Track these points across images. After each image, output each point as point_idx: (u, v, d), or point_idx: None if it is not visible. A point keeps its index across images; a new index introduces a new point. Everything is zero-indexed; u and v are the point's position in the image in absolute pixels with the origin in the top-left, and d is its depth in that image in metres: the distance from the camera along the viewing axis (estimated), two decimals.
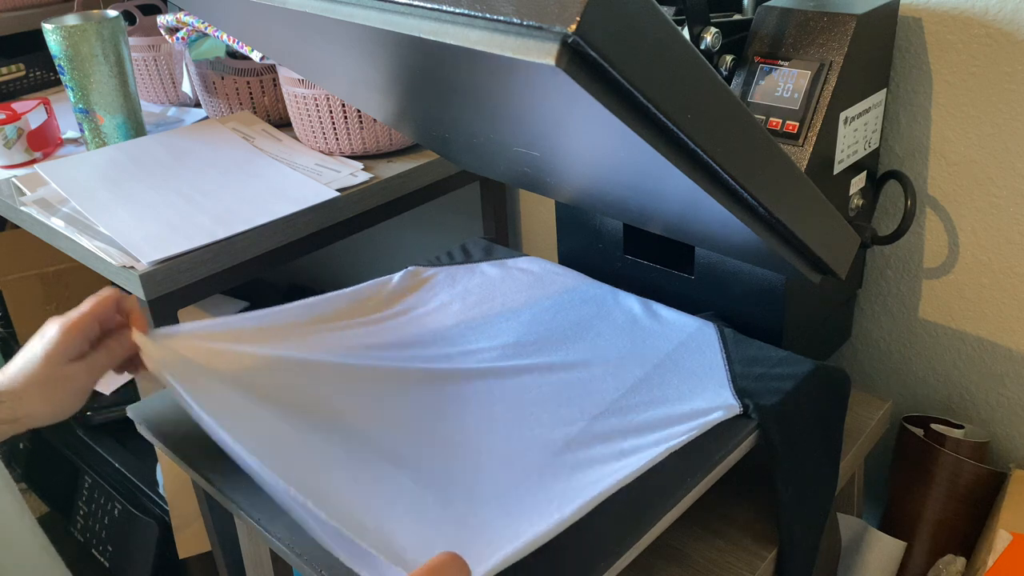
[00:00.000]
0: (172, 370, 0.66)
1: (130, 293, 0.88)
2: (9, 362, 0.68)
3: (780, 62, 0.76)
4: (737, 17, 0.81)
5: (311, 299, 0.84)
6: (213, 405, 0.63)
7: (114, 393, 1.46)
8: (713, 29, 0.73)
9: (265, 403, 0.68)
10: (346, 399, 0.72)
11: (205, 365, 0.70)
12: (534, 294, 0.89)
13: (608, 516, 0.61)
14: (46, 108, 1.26)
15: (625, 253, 0.91)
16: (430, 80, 0.61)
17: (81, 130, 1.20)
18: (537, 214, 1.36)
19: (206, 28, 1.17)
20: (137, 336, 0.69)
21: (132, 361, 0.72)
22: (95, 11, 1.18)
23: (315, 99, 1.08)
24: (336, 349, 0.79)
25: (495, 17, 0.42)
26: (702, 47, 0.73)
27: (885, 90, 0.84)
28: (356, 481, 0.62)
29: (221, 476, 0.67)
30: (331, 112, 1.08)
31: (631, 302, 0.86)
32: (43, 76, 1.52)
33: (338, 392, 0.72)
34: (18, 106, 1.25)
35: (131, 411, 0.75)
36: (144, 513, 1.30)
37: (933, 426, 0.96)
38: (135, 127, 1.21)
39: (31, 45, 1.44)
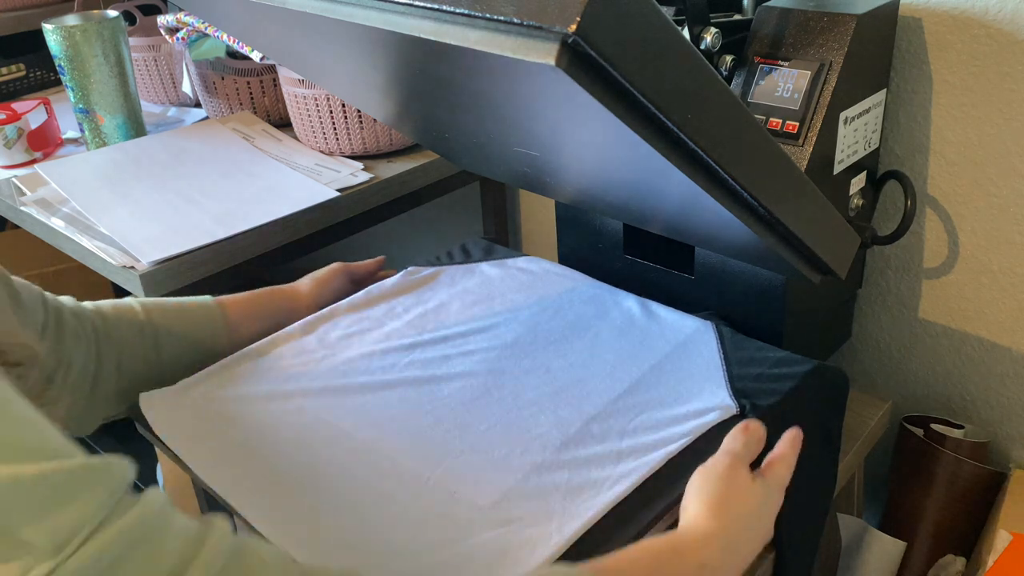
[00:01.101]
0: (174, 438, 0.71)
1: (130, 293, 0.88)
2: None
3: (780, 62, 0.76)
4: (737, 17, 0.81)
5: (310, 317, 0.85)
6: (212, 471, 0.67)
7: None
8: (713, 29, 0.73)
9: (269, 447, 0.70)
10: (348, 419, 0.72)
11: (209, 421, 0.73)
12: (533, 294, 0.89)
13: (607, 517, 0.61)
14: (46, 108, 1.26)
15: (625, 253, 0.91)
16: (430, 80, 0.61)
17: (81, 130, 1.20)
18: (537, 214, 1.36)
19: (206, 28, 1.17)
20: (143, 401, 0.74)
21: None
22: (95, 11, 1.18)
23: (315, 99, 1.08)
24: (337, 365, 0.79)
25: (495, 17, 0.42)
26: (702, 47, 0.73)
27: (885, 90, 0.84)
28: (356, 516, 0.62)
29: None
30: (331, 112, 1.08)
31: (630, 302, 0.86)
32: (43, 76, 1.52)
33: (340, 414, 0.73)
34: (18, 106, 1.25)
35: (131, 411, 0.75)
36: None
37: (933, 426, 0.96)
38: (135, 127, 1.21)
39: (31, 45, 1.44)
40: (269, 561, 0.39)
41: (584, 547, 0.59)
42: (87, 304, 0.75)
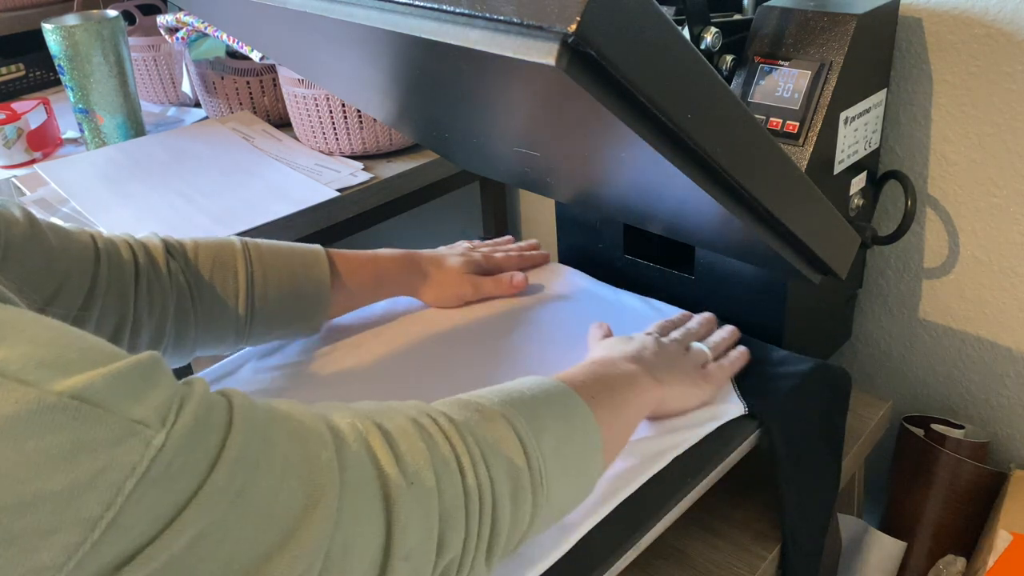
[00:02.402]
0: None
1: None
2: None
3: (780, 62, 0.76)
4: (737, 17, 0.81)
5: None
6: None
7: None
8: (713, 29, 0.73)
9: None
10: None
11: None
12: (534, 294, 0.89)
13: (608, 516, 0.61)
14: (46, 108, 1.26)
15: (625, 253, 0.91)
16: (430, 80, 0.61)
17: (81, 130, 1.20)
18: (537, 214, 1.36)
19: (206, 28, 1.17)
20: None
21: None
22: (95, 11, 1.18)
23: (315, 99, 1.08)
24: (340, 362, 0.79)
25: (495, 17, 0.42)
26: (702, 47, 0.73)
27: (885, 90, 0.84)
28: None
29: None
30: (331, 112, 1.08)
31: (632, 301, 0.86)
32: (43, 76, 1.52)
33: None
34: (18, 106, 1.25)
35: None
36: None
37: (933, 426, 0.96)
38: (135, 127, 1.21)
39: (31, 45, 1.44)
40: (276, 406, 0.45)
41: (589, 550, 0.59)
42: (192, 261, 0.75)
